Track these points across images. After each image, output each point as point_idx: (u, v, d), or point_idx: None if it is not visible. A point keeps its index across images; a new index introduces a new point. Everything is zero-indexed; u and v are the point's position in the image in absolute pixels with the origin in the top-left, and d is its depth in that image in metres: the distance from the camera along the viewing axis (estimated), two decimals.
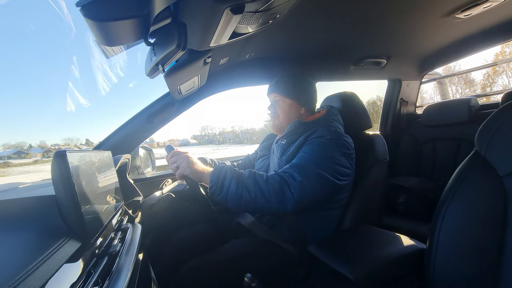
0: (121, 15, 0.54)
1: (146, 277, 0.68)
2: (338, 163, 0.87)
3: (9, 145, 70.36)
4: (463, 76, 16.46)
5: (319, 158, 0.85)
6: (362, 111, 1.16)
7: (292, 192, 0.79)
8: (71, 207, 0.45)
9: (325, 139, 0.91)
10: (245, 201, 0.78)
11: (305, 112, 1.09)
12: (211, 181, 0.80)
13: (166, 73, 0.94)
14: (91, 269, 0.44)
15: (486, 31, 1.32)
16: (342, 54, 1.44)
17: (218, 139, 63.31)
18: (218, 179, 0.79)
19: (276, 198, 0.78)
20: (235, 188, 0.78)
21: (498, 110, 0.58)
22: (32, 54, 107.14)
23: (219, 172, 0.81)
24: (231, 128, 17.99)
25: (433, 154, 1.70)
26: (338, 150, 0.89)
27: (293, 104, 1.07)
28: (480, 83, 16.43)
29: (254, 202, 0.78)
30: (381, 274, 0.69)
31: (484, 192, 0.56)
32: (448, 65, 9.41)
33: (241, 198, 0.78)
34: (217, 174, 0.80)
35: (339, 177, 0.87)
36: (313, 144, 0.90)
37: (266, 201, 0.78)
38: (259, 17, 0.73)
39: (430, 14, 1.09)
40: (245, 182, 0.79)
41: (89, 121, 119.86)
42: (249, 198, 0.78)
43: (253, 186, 0.79)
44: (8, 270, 0.31)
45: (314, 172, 0.82)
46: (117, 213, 0.72)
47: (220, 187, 0.79)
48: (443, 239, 0.60)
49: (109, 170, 0.75)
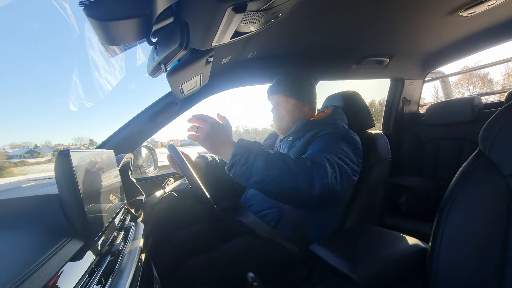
0: (123, 14, 0.54)
1: (148, 275, 0.68)
2: (349, 158, 0.85)
3: (15, 145, 70.84)
4: (481, 76, 16.08)
5: (333, 150, 0.83)
6: (365, 110, 1.16)
7: (320, 175, 0.72)
8: (74, 206, 0.45)
9: (335, 135, 0.90)
10: (272, 176, 0.70)
11: (308, 110, 1.09)
12: (237, 149, 0.72)
13: (168, 73, 0.94)
14: (94, 267, 0.44)
15: (490, 30, 1.31)
16: (344, 53, 1.44)
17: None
18: (244, 151, 0.72)
19: (304, 177, 0.71)
20: (264, 159, 0.70)
21: (502, 109, 0.57)
22: (34, 53, 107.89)
23: (246, 144, 0.74)
24: (236, 128, 18.01)
25: (436, 154, 1.69)
26: (348, 146, 0.88)
27: (296, 103, 1.07)
28: (497, 83, 15.99)
29: (280, 177, 0.70)
30: (384, 274, 0.68)
31: (487, 191, 0.55)
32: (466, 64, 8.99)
33: (268, 171, 0.70)
34: (244, 146, 0.73)
35: (353, 172, 0.84)
36: (324, 139, 0.89)
37: (294, 178, 0.70)
38: (261, 16, 0.73)
39: (433, 12, 1.08)
40: (273, 156, 0.73)
41: (91, 121, 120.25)
42: (277, 172, 0.70)
43: (281, 162, 0.72)
44: (11, 269, 0.31)
45: (334, 160, 0.79)
46: (119, 212, 0.73)
47: (245, 158, 0.71)
48: (446, 238, 0.59)
49: (112, 169, 0.75)
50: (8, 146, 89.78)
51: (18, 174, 19.21)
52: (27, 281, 0.30)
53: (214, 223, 1.19)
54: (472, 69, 1.82)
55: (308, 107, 1.08)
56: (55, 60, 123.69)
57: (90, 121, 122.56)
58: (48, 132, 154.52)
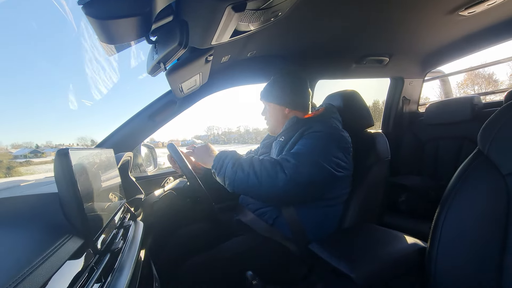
0: (123, 13, 0.54)
1: (148, 274, 0.68)
2: (333, 155, 0.88)
3: (17, 145, 70.71)
4: (486, 77, 15.95)
5: (315, 148, 0.87)
6: (364, 110, 1.16)
7: (286, 172, 0.82)
8: (74, 205, 0.45)
9: (321, 133, 0.91)
10: (239, 180, 0.85)
11: (290, 111, 1.07)
12: (214, 160, 0.91)
13: (167, 71, 0.94)
14: (93, 266, 0.44)
15: (490, 29, 1.31)
16: (344, 52, 1.44)
17: (223, 139, 66.04)
18: (220, 160, 0.90)
19: (267, 176, 0.82)
20: (231, 166, 0.86)
21: (501, 108, 0.57)
22: (32, 51, 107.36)
23: (222, 154, 0.92)
24: (237, 128, 18.23)
25: (435, 153, 1.69)
26: (334, 144, 0.90)
27: (275, 107, 1.09)
28: (503, 83, 15.84)
29: (246, 180, 0.84)
30: (383, 273, 0.69)
31: (486, 191, 0.55)
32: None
33: (235, 176, 0.85)
34: (220, 156, 0.91)
35: (336, 168, 0.87)
36: (309, 137, 0.92)
37: (257, 179, 0.83)
38: (261, 15, 0.73)
39: (433, 11, 1.08)
40: (241, 162, 0.87)
41: (92, 120, 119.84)
42: (242, 176, 0.84)
43: (247, 166, 0.85)
44: (11, 267, 0.31)
45: (310, 159, 0.84)
46: (119, 211, 0.73)
47: (219, 166, 0.89)
48: (445, 237, 0.59)
49: (111, 168, 0.75)
50: (10, 146, 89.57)
51: (26, 173, 19.14)
52: (27, 279, 0.30)
53: (214, 222, 1.19)
54: (471, 69, 1.81)
55: (289, 109, 1.07)
56: (53, 58, 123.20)
57: (91, 120, 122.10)
58: (48, 132, 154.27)
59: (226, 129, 71.30)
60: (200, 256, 0.91)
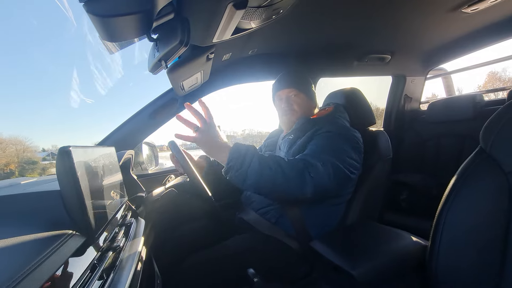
0: (124, 10, 0.54)
1: (149, 271, 0.68)
2: (348, 155, 0.87)
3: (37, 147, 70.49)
4: (496, 76, 15.71)
5: (330, 149, 0.86)
6: (366, 108, 1.15)
7: (312, 176, 0.77)
8: (76, 202, 0.45)
9: (333, 133, 0.91)
10: (265, 179, 0.75)
11: (313, 107, 1.11)
12: (232, 153, 0.75)
13: (169, 69, 0.94)
14: (96, 263, 0.44)
15: (494, 26, 1.30)
16: (346, 50, 1.43)
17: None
18: (239, 155, 0.75)
19: (296, 178, 0.76)
20: (258, 164, 0.75)
21: (504, 106, 0.57)
22: (34, 50, 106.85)
23: (240, 147, 0.77)
24: (242, 131, 18.39)
25: (436, 151, 1.69)
26: (347, 143, 0.89)
27: (305, 98, 1.09)
28: None
29: (273, 180, 0.75)
30: (384, 270, 0.69)
31: (488, 189, 0.55)
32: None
33: (262, 175, 0.74)
34: (238, 150, 0.77)
35: (351, 169, 0.87)
36: (322, 137, 0.91)
37: (286, 180, 0.75)
38: (262, 12, 0.72)
39: (436, 8, 1.07)
40: (266, 159, 0.77)
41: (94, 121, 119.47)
42: (269, 175, 0.74)
43: (274, 164, 0.76)
44: (13, 265, 0.31)
45: (329, 160, 0.82)
46: (121, 209, 0.73)
47: (240, 162, 0.75)
48: (446, 235, 0.59)
49: (113, 166, 0.75)
50: (40, 148, 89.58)
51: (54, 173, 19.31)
52: (29, 277, 0.30)
53: (215, 220, 1.19)
54: (474, 67, 1.80)
55: (313, 104, 1.11)
56: (53, 56, 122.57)
57: (94, 121, 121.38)
58: (52, 134, 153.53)
59: (231, 133, 73.48)
60: (202, 254, 0.91)
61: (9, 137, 17.58)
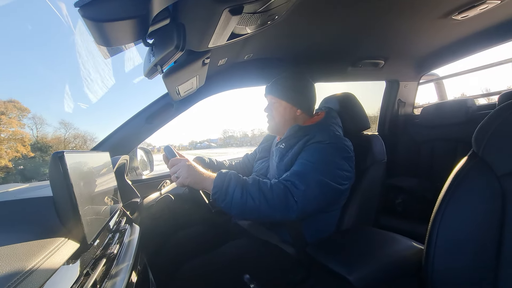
0: (119, 15, 0.54)
1: (144, 278, 0.67)
2: (338, 167, 0.87)
3: None
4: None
5: (319, 164, 0.85)
6: (360, 112, 1.16)
7: (296, 200, 0.78)
8: (69, 209, 0.44)
9: (324, 144, 0.90)
10: (249, 209, 0.77)
11: (301, 114, 1.06)
12: (214, 187, 0.78)
13: (164, 74, 0.94)
14: (89, 271, 0.44)
15: (483, 33, 1.33)
16: (340, 55, 1.45)
17: (236, 142, 68.53)
18: (222, 186, 0.77)
19: (280, 206, 0.78)
20: (240, 195, 0.77)
21: (495, 110, 0.58)
22: (29, 54, 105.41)
23: (223, 178, 0.79)
24: (251, 131, 18.37)
25: (431, 155, 1.71)
26: (338, 154, 0.89)
27: (288, 106, 1.05)
28: None
29: (258, 209, 0.77)
30: (380, 275, 0.69)
31: (481, 192, 0.56)
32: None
33: (246, 206, 0.77)
34: (221, 181, 0.78)
35: (341, 182, 0.87)
36: (313, 150, 0.90)
37: (270, 209, 0.77)
38: (258, 18, 0.73)
39: (427, 15, 1.09)
40: (249, 189, 0.78)
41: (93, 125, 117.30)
42: (253, 206, 0.77)
43: (257, 194, 0.78)
44: (5, 272, 0.30)
45: (316, 179, 0.82)
46: (115, 215, 0.72)
47: (224, 194, 0.77)
48: (441, 239, 0.60)
49: (107, 171, 0.74)
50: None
51: None
52: (21, 285, 0.29)
53: (211, 226, 1.18)
54: (465, 72, 1.83)
55: (301, 111, 1.05)
56: (49, 62, 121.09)
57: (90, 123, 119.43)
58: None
59: (242, 133, 75.09)
60: (197, 260, 0.90)
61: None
